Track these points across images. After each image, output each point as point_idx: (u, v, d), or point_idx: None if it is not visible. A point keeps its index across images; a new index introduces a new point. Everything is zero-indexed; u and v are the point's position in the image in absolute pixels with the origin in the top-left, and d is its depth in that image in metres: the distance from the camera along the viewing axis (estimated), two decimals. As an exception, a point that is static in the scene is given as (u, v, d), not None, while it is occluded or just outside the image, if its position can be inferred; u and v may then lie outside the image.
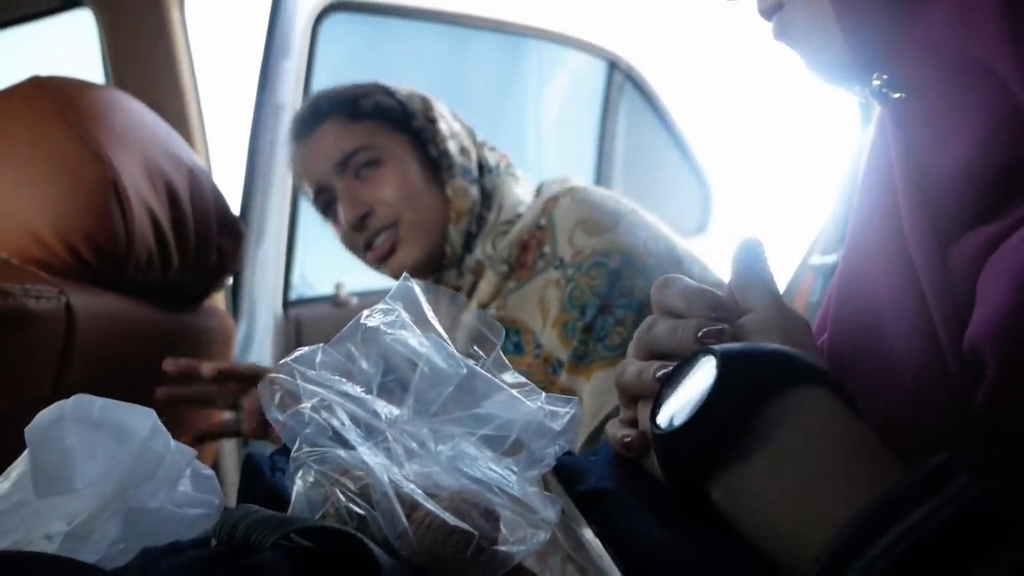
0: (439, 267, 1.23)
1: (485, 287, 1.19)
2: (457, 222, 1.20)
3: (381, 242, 1.20)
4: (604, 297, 1.08)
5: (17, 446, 0.51)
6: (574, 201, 1.15)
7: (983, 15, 0.44)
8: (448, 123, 1.25)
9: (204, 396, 1.12)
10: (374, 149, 1.20)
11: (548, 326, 1.11)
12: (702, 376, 0.44)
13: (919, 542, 0.34)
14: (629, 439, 0.50)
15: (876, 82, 0.50)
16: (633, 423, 0.52)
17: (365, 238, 1.21)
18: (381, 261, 1.22)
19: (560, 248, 1.12)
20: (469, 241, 1.22)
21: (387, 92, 1.24)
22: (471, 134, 1.28)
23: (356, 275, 1.91)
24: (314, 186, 1.24)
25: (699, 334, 0.48)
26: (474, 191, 1.22)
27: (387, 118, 1.22)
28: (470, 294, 1.22)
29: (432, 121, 1.23)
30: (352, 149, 1.20)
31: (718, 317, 0.48)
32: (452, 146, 1.22)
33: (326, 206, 1.25)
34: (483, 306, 1.18)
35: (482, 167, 1.25)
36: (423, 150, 1.22)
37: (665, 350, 0.51)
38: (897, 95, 0.50)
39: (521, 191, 1.26)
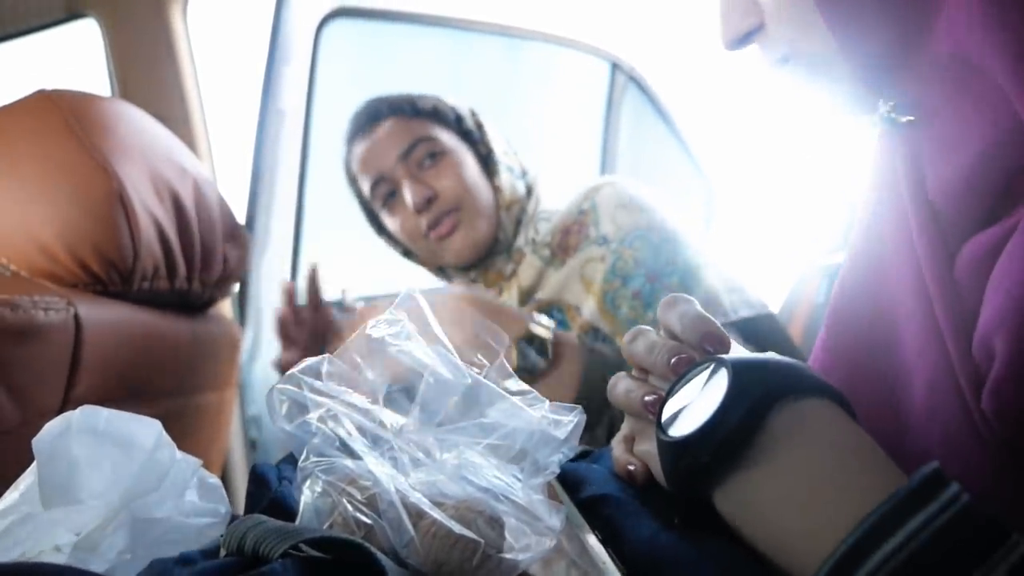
0: (492, 251, 1.32)
1: (526, 272, 1.27)
2: (508, 209, 1.30)
3: (444, 223, 1.29)
4: (650, 268, 1.15)
5: (28, 458, 0.52)
6: (615, 188, 1.25)
7: (968, 21, 0.43)
8: (492, 131, 1.37)
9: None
10: (435, 142, 1.29)
11: (589, 297, 1.18)
12: (713, 385, 0.44)
13: (917, 551, 0.35)
14: (634, 469, 0.52)
15: (884, 109, 0.50)
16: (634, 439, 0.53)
17: (428, 220, 1.29)
18: (444, 238, 1.30)
19: (603, 227, 1.21)
20: (515, 229, 1.31)
21: (440, 100, 1.35)
22: (508, 144, 1.39)
23: (361, 281, 1.91)
24: (375, 177, 1.32)
25: (671, 360, 0.49)
26: (520, 186, 1.33)
27: (443, 118, 1.32)
28: (511, 280, 1.31)
29: (480, 126, 1.35)
30: (415, 140, 1.29)
31: (710, 348, 0.49)
32: (498, 148, 1.34)
33: (386, 196, 1.32)
34: (525, 291, 1.27)
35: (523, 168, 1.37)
36: (474, 149, 1.33)
37: (639, 365, 0.53)
38: (906, 119, 0.50)
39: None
